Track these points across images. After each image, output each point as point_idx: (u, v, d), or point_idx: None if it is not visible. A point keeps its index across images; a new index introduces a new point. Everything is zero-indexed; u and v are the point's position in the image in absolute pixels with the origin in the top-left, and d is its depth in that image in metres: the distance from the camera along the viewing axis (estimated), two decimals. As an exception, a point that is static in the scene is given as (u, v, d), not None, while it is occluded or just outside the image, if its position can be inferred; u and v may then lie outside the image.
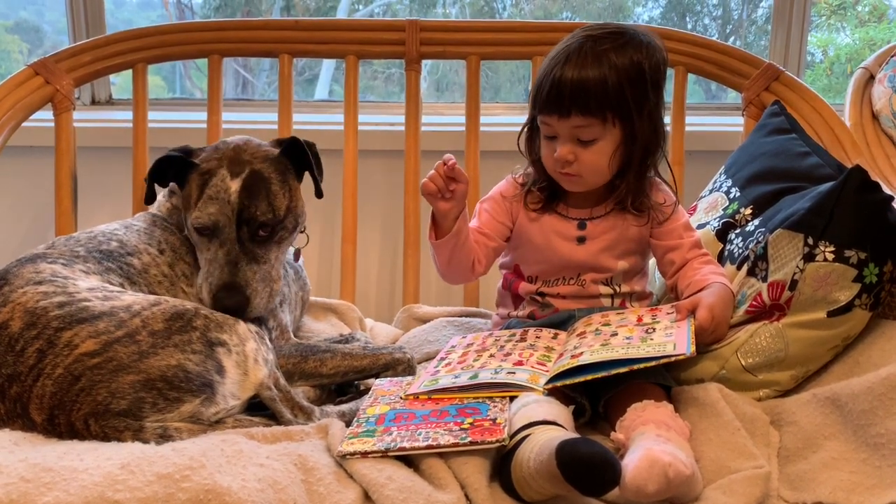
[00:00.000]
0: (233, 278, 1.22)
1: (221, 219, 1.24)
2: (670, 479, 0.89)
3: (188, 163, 1.30)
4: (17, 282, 1.14)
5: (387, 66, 2.41)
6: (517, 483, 0.96)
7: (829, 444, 1.03)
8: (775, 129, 1.52)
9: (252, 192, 1.26)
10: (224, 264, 1.24)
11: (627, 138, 1.27)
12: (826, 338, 1.17)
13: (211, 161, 1.29)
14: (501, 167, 1.52)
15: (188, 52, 1.79)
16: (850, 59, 2.38)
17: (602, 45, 1.23)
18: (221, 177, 1.26)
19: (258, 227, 1.26)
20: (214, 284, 1.23)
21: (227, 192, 1.25)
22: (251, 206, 1.25)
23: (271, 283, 1.27)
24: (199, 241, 1.28)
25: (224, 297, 1.21)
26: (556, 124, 1.26)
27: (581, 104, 1.22)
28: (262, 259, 1.26)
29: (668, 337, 1.14)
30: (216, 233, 1.25)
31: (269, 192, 1.27)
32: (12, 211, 2.02)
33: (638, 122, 1.25)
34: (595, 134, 1.25)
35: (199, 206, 1.26)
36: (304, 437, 1.07)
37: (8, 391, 1.05)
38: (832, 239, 1.15)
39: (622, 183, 1.31)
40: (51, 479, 0.87)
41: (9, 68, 2.27)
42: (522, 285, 1.38)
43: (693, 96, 2.05)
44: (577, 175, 1.28)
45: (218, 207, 1.25)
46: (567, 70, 1.22)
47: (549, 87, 1.24)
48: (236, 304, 1.21)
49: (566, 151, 1.26)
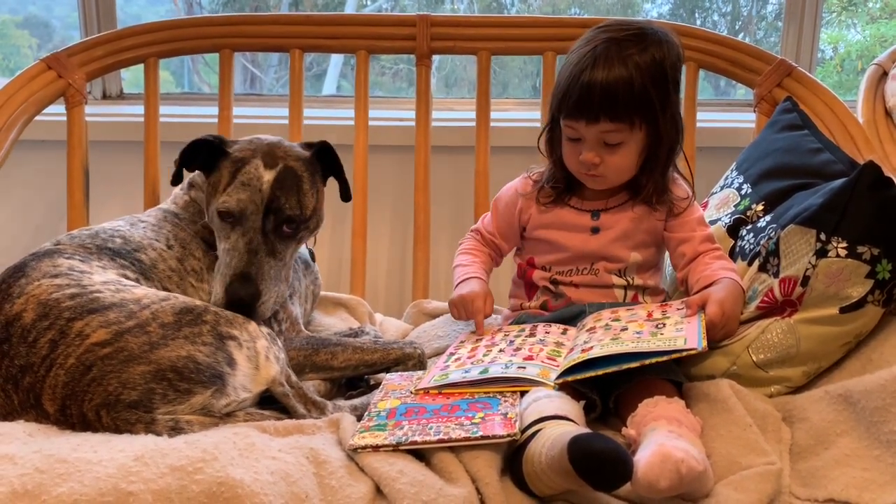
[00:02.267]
0: (249, 268, 1.22)
1: (250, 206, 1.24)
2: (682, 476, 0.89)
3: (220, 150, 1.30)
4: (34, 274, 1.15)
5: (395, 62, 2.41)
6: (528, 477, 0.96)
7: (842, 441, 1.03)
8: (787, 126, 1.51)
9: (284, 185, 1.26)
10: (244, 252, 1.23)
11: (652, 138, 1.28)
12: (838, 334, 1.17)
13: (245, 151, 1.29)
14: (511, 163, 1.52)
15: (200, 47, 1.80)
16: (860, 55, 2.37)
17: (627, 49, 1.23)
18: (255, 165, 1.26)
19: (284, 221, 1.26)
20: (230, 274, 1.22)
21: (259, 180, 1.25)
22: (281, 198, 1.25)
23: (281, 282, 1.26)
24: (221, 228, 1.27)
25: (237, 287, 1.20)
26: (582, 129, 1.26)
27: (610, 110, 1.23)
28: (279, 255, 1.26)
29: (678, 331, 1.13)
30: (241, 220, 1.25)
31: (300, 189, 1.28)
32: (25, 204, 2.03)
33: (662, 122, 1.26)
34: (622, 138, 1.26)
35: (228, 192, 1.25)
36: (315, 430, 1.07)
37: (21, 382, 1.06)
38: (845, 235, 1.15)
39: (648, 181, 1.32)
40: (65, 471, 0.87)
41: (18, 63, 2.27)
42: (536, 273, 1.39)
43: (703, 92, 2.04)
44: (601, 176, 1.30)
45: (248, 195, 1.24)
46: (595, 75, 1.22)
47: (577, 93, 1.23)
48: (248, 296, 1.20)
49: (592, 156, 1.27)
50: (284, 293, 1.29)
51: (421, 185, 1.77)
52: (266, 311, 1.24)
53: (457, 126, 1.95)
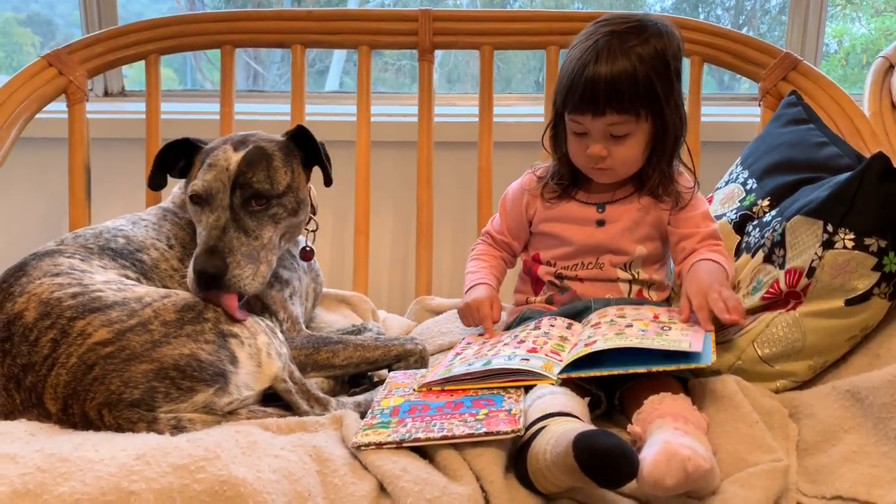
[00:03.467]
0: (217, 242, 1.18)
1: (217, 185, 1.22)
2: (689, 473, 0.88)
3: (196, 147, 1.30)
4: (35, 273, 1.14)
5: (397, 58, 2.40)
6: (533, 475, 0.95)
7: (849, 438, 1.02)
8: (792, 120, 1.50)
9: (252, 162, 1.24)
10: (211, 229, 1.20)
11: (658, 129, 1.28)
12: (844, 327, 1.16)
13: (216, 142, 1.29)
14: (515, 158, 1.51)
15: (201, 43, 1.79)
16: (865, 49, 2.35)
17: (629, 42, 1.23)
18: (224, 150, 1.25)
19: (252, 196, 1.23)
20: (198, 251, 1.19)
21: (227, 160, 1.23)
22: (248, 173, 1.23)
23: (258, 263, 1.21)
24: (194, 213, 1.26)
25: (203, 260, 1.16)
26: (589, 123, 1.26)
27: (615, 103, 1.23)
28: (252, 233, 1.22)
29: (684, 336, 1.13)
30: (209, 200, 1.23)
31: (269, 165, 1.26)
32: (27, 202, 2.02)
33: (667, 113, 1.27)
34: (628, 129, 1.26)
35: (197, 176, 1.24)
36: (318, 428, 1.07)
37: (23, 381, 1.06)
38: (852, 226, 1.14)
39: (654, 172, 1.32)
40: (67, 470, 0.87)
41: (21, 61, 2.27)
42: (542, 268, 1.39)
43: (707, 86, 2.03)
44: (609, 169, 1.30)
45: (215, 174, 1.22)
46: (599, 68, 1.22)
47: (581, 88, 1.23)
48: (214, 270, 1.16)
49: (600, 149, 1.27)
50: (265, 273, 1.23)
51: (423, 181, 1.76)
52: (240, 283, 1.18)
53: (459, 122, 1.94)
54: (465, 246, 1.91)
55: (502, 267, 1.47)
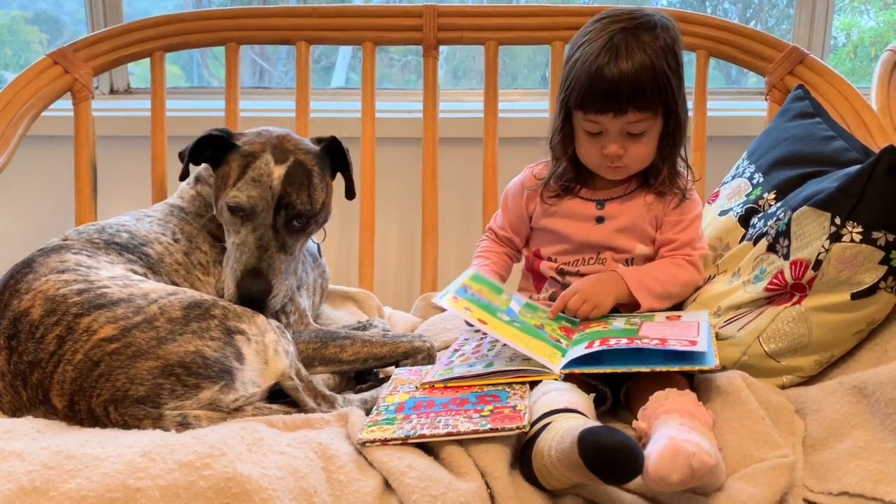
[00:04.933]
0: (260, 263, 1.21)
1: (261, 202, 1.24)
2: (694, 469, 0.88)
3: (228, 143, 1.29)
4: (42, 270, 1.15)
5: (403, 54, 2.39)
6: (538, 471, 0.95)
7: (856, 434, 1.01)
8: (799, 114, 1.49)
9: (294, 180, 1.25)
10: (255, 248, 1.23)
11: (669, 124, 1.28)
12: (850, 321, 1.15)
13: (254, 145, 1.28)
14: (520, 154, 1.51)
15: (205, 40, 1.79)
16: (874, 42, 2.33)
17: (643, 38, 1.23)
18: (265, 160, 1.25)
19: (294, 217, 1.25)
20: (241, 269, 1.22)
21: (270, 176, 1.24)
22: (292, 194, 1.25)
23: (290, 276, 1.26)
24: (231, 222, 1.27)
25: (249, 283, 1.20)
26: (608, 122, 1.25)
27: (638, 101, 1.22)
28: (290, 250, 1.26)
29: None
30: (251, 216, 1.24)
31: (310, 183, 1.27)
32: (33, 200, 2.03)
33: (678, 107, 1.27)
34: (646, 126, 1.25)
35: (238, 186, 1.24)
36: (323, 425, 1.07)
37: (30, 378, 1.06)
38: (860, 219, 1.13)
39: (663, 166, 1.32)
40: (73, 467, 0.87)
41: (28, 59, 2.27)
42: (543, 263, 1.39)
43: (713, 81, 2.02)
44: (624, 166, 1.30)
45: (259, 191, 1.24)
46: (620, 66, 1.21)
47: (604, 87, 1.22)
48: (260, 292, 1.20)
49: (616, 148, 1.26)
50: (293, 286, 1.28)
51: (429, 176, 1.76)
52: (276, 304, 1.24)
53: (465, 118, 1.94)
54: (470, 242, 1.90)
55: (506, 262, 1.46)
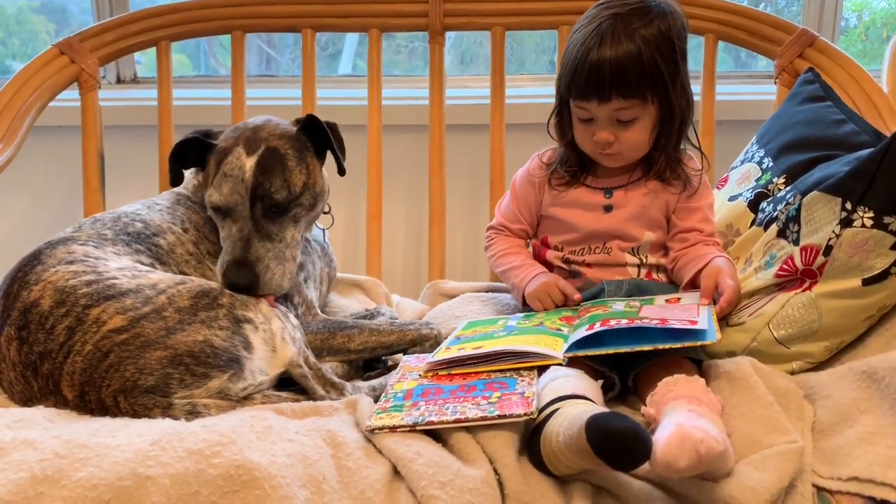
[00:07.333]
0: (243, 254, 1.21)
1: (235, 197, 1.23)
2: (702, 455, 0.88)
3: (207, 144, 1.30)
4: (50, 261, 1.15)
5: (410, 40, 2.38)
6: (546, 457, 0.95)
7: (865, 419, 1.01)
8: (809, 97, 1.48)
9: (266, 168, 1.24)
10: (236, 240, 1.22)
11: (665, 112, 1.27)
12: (860, 307, 1.14)
13: (228, 140, 1.28)
14: (527, 140, 1.50)
15: (211, 29, 1.79)
16: (885, 23, 2.31)
17: (632, 24, 1.21)
18: (237, 154, 1.25)
19: (272, 205, 1.24)
20: (225, 262, 1.22)
21: (241, 169, 1.24)
22: (265, 183, 1.23)
23: (285, 262, 1.24)
24: (217, 219, 1.28)
25: (233, 274, 1.19)
26: (594, 109, 1.25)
27: (621, 88, 1.21)
28: (275, 237, 1.24)
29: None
30: (230, 211, 1.24)
31: (284, 168, 1.26)
32: (41, 190, 2.04)
33: (673, 95, 1.25)
34: (635, 114, 1.24)
35: (214, 185, 1.25)
36: (332, 412, 1.08)
37: (40, 368, 1.07)
38: (872, 204, 1.12)
39: (661, 155, 1.31)
40: (84, 456, 0.88)
41: (36, 48, 2.28)
42: (550, 252, 1.38)
43: (722, 64, 2.00)
44: (617, 153, 1.29)
45: (231, 186, 1.23)
46: (603, 53, 1.20)
47: (586, 73, 1.22)
48: (246, 282, 1.19)
49: (607, 135, 1.26)
50: (293, 269, 1.27)
51: (436, 164, 1.76)
52: (272, 286, 1.22)
53: (472, 104, 1.93)
54: (478, 229, 1.90)
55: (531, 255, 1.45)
